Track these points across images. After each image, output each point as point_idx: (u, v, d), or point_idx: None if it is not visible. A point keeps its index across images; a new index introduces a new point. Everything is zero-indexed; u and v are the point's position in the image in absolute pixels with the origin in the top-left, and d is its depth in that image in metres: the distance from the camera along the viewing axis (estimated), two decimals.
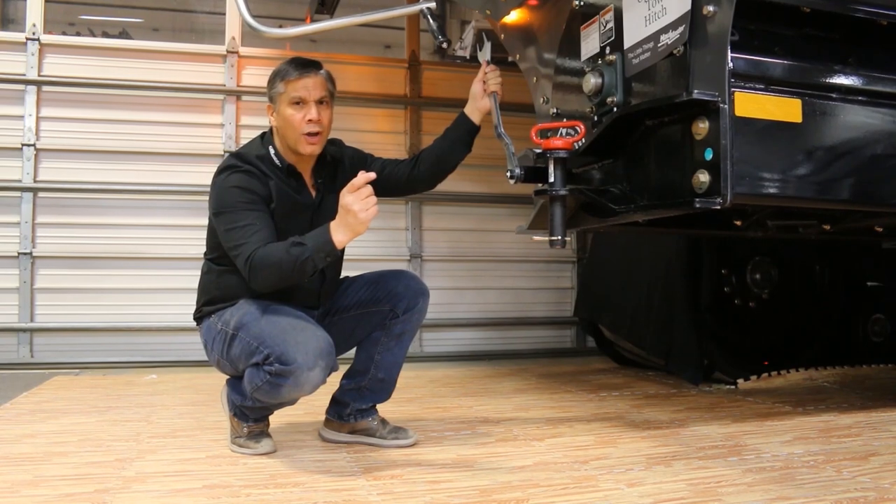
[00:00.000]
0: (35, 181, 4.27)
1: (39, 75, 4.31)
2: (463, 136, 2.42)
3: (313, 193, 2.31)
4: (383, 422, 2.42)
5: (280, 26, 9.04)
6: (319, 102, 2.21)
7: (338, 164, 2.38)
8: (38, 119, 4.30)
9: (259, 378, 2.08)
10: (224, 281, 2.26)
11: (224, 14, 4.69)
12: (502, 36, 2.93)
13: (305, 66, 2.21)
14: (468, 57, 3.89)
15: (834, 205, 2.00)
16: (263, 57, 4.63)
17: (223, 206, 2.16)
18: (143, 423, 2.73)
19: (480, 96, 2.39)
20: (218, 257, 2.29)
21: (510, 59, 2.88)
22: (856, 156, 1.90)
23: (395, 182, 2.47)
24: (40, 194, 4.29)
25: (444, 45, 2.33)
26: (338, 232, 1.98)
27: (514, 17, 2.80)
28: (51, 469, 2.08)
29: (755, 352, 3.72)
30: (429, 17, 2.24)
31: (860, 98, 1.93)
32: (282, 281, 2.07)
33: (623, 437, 2.51)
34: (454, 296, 4.80)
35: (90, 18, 8.44)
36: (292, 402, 2.23)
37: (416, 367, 4.37)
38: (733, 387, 3.54)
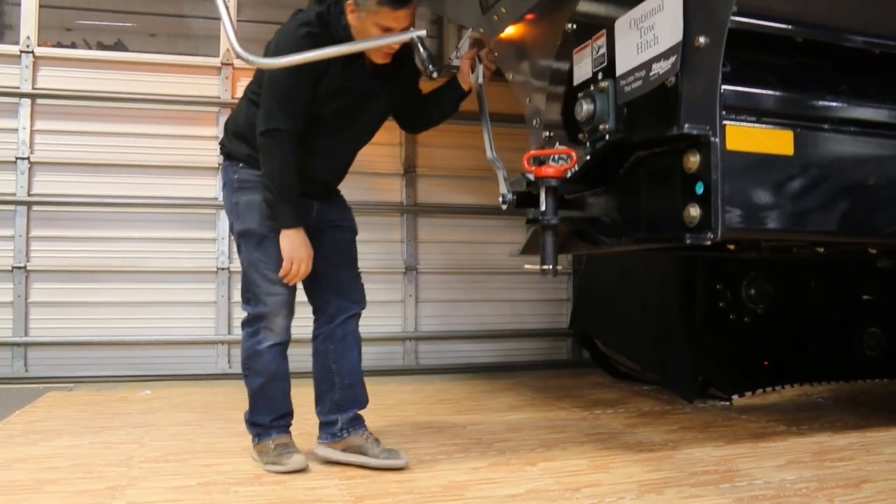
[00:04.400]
0: (29, 195, 4.25)
1: (34, 88, 4.29)
2: (451, 96, 2.59)
3: (370, 78, 2.36)
4: (376, 441, 2.46)
5: None
6: (404, 29, 2.28)
7: (404, 60, 2.43)
8: (33, 132, 4.28)
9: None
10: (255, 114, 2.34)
11: (219, 19, 4.67)
12: (496, 54, 2.93)
13: None
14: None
15: (826, 237, 1.99)
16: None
17: (282, 69, 2.22)
18: (136, 446, 2.72)
19: (466, 74, 2.53)
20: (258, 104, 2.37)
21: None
22: (848, 187, 1.90)
23: (408, 106, 2.63)
24: (34, 208, 4.27)
25: (434, 76, 2.32)
26: (285, 239, 2.31)
27: (508, 36, 2.80)
28: (42, 499, 2.07)
29: (750, 367, 3.72)
30: (419, 45, 2.23)
31: (852, 128, 1.93)
32: (267, 168, 2.28)
33: (616, 461, 2.50)
34: (450, 308, 4.80)
35: (86, 23, 8.42)
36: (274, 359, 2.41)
37: (412, 381, 4.36)
38: (728, 403, 3.54)
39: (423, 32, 2.21)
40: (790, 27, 1.86)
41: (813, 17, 1.88)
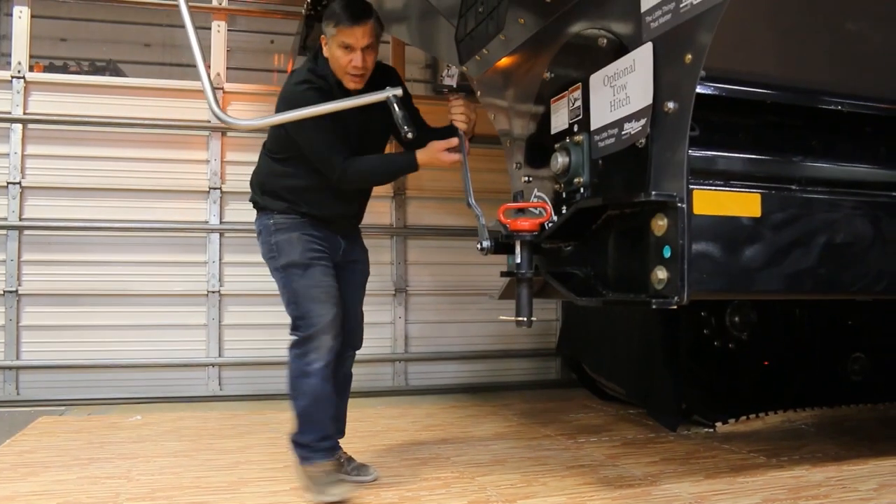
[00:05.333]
0: (20, 219, 4.28)
1: (25, 113, 4.32)
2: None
3: (360, 108, 2.47)
4: (349, 460, 2.76)
5: (272, 42, 8.93)
6: (366, 48, 2.42)
7: (390, 79, 2.53)
8: (24, 157, 4.32)
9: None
10: (280, 172, 2.58)
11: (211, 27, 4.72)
12: (479, 93, 2.97)
13: (357, 15, 2.40)
14: (455, 86, 3.90)
15: (793, 295, 2.03)
16: (249, 93, 4.65)
17: (306, 122, 2.38)
18: (123, 481, 2.75)
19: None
20: (281, 157, 2.59)
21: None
22: (815, 246, 1.93)
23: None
24: (26, 232, 4.30)
25: (409, 136, 2.35)
26: (423, 156, 2.46)
27: (490, 77, 2.84)
28: None
29: (734, 394, 3.75)
30: (394, 105, 2.26)
31: (819, 188, 1.96)
32: (370, 182, 2.60)
33: (594, 499, 2.54)
34: (439, 329, 4.83)
35: (81, 34, 8.44)
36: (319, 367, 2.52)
37: (401, 403, 4.40)
38: (712, 430, 3.58)
39: (398, 91, 2.24)
40: (758, 91, 1.89)
41: (780, 81, 1.91)
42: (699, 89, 1.78)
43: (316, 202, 2.57)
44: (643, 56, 1.89)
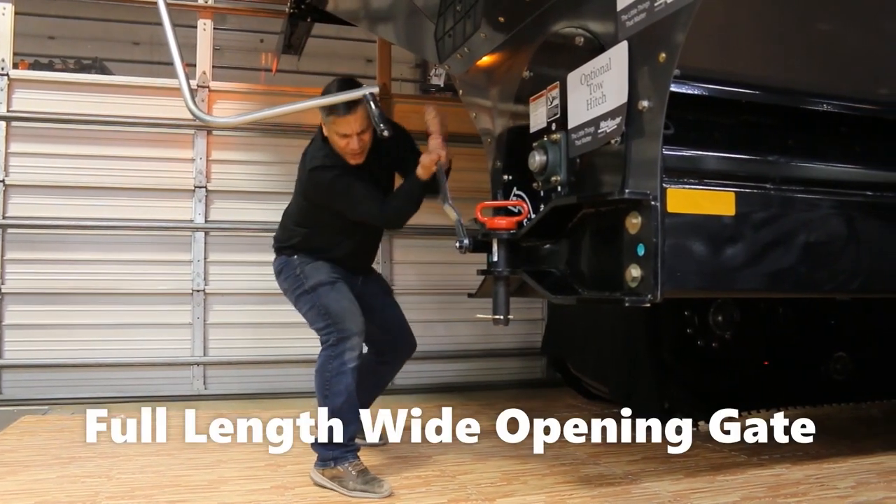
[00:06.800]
0: (4, 217, 4.26)
1: (9, 111, 4.30)
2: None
3: (369, 165, 2.71)
4: None
5: (261, 41, 8.92)
6: (361, 132, 2.56)
7: (380, 146, 2.69)
8: (7, 155, 4.29)
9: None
10: (307, 235, 2.82)
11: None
12: (461, 91, 2.97)
13: (350, 105, 2.51)
14: (442, 85, 3.87)
15: (768, 294, 2.04)
16: (234, 91, 4.63)
17: (338, 193, 2.65)
18: (104, 480, 2.75)
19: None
20: (308, 226, 2.83)
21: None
22: (789, 245, 1.94)
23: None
24: (10, 230, 4.28)
25: (385, 134, 2.35)
26: (420, 170, 2.61)
27: (470, 76, 2.84)
28: None
29: (717, 393, 3.75)
30: (370, 103, 2.27)
31: (794, 187, 1.97)
32: (408, 215, 2.72)
33: (573, 497, 2.55)
34: (424, 328, 4.78)
35: (69, 32, 8.42)
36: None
37: (387, 402, 4.35)
38: (694, 430, 3.58)
39: (375, 90, 2.25)
40: (734, 90, 1.90)
41: (756, 80, 1.92)
42: (674, 88, 1.79)
43: (341, 258, 2.83)
44: (618, 54, 1.90)
